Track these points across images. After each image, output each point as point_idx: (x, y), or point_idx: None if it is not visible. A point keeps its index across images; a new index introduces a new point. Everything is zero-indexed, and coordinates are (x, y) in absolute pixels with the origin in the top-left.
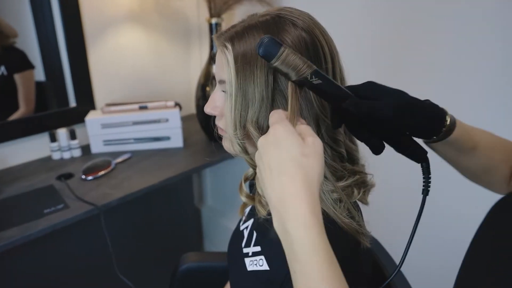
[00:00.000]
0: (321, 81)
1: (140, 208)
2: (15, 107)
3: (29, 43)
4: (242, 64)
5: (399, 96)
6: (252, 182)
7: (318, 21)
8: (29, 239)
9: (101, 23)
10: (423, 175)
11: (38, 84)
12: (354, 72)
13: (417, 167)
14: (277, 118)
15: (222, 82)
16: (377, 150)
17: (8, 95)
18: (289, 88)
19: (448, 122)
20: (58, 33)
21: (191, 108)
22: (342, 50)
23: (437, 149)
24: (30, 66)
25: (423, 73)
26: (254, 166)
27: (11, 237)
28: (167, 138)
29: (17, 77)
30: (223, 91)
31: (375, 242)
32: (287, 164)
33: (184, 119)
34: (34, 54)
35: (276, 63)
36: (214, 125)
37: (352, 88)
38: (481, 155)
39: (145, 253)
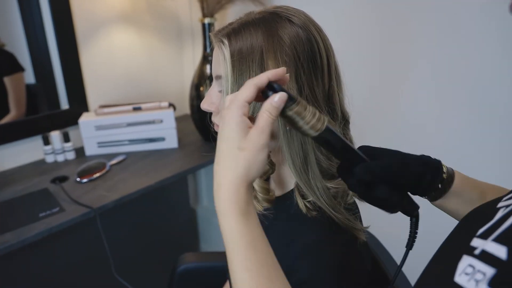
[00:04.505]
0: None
1: (135, 209)
2: (6, 111)
3: (18, 45)
4: (238, 58)
5: (395, 155)
6: None
7: (314, 19)
8: (25, 244)
9: (93, 24)
10: (410, 229)
11: (29, 87)
12: (350, 70)
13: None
14: (233, 101)
15: (218, 77)
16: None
17: None
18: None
19: (445, 174)
20: (48, 35)
21: (185, 109)
22: (337, 48)
23: (446, 206)
24: (19, 68)
25: (418, 71)
26: None
27: (6, 242)
28: (162, 139)
29: (7, 80)
30: (219, 88)
31: (372, 238)
32: (223, 154)
33: (178, 120)
34: (23, 56)
35: (296, 108)
36: (211, 121)
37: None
38: None
39: (142, 254)
